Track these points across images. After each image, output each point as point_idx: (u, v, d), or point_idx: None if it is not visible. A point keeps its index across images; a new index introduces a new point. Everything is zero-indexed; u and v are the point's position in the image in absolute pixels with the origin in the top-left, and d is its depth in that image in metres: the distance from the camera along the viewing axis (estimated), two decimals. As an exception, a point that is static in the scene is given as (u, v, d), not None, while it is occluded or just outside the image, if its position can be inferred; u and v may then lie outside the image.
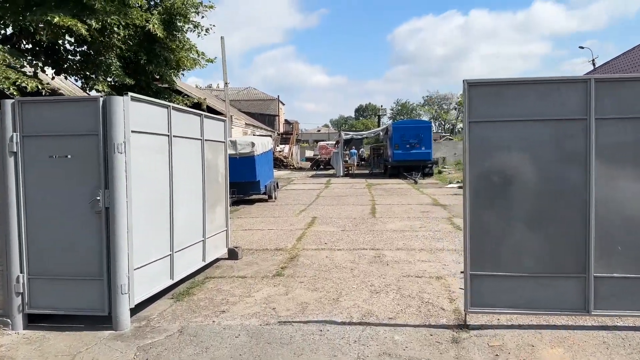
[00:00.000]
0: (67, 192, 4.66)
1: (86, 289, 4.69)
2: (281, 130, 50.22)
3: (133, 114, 4.72)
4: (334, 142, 36.57)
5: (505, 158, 4.38)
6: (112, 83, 9.23)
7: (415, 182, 20.96)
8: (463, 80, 4.41)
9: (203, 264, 6.36)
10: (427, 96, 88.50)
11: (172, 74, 10.87)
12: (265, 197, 14.74)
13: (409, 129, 23.94)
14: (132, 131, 4.71)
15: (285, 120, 57.98)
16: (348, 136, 27.91)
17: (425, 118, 71.82)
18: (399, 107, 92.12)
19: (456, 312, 4.92)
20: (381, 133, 27.62)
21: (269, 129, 42.28)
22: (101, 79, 8.66)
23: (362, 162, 37.95)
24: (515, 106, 4.38)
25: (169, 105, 5.38)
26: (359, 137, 29.84)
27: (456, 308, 5.03)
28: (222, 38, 22.33)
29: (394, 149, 23.89)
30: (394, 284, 5.85)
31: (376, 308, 5.03)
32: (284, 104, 57.36)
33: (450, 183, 20.24)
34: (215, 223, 6.75)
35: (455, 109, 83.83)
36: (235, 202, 13.72)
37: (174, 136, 5.41)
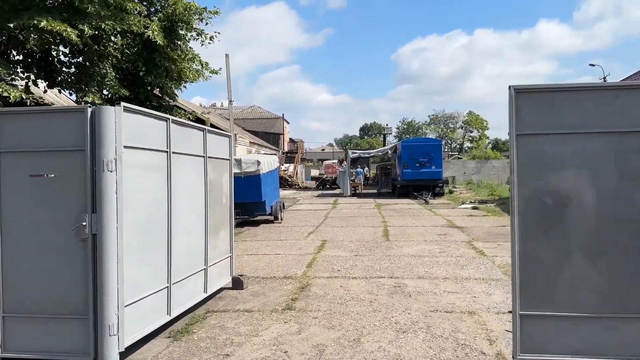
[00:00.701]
0: (49, 217, 4.15)
1: (69, 329, 4.13)
2: (286, 149, 50.22)
3: (126, 127, 4.21)
4: (337, 161, 36.28)
5: (559, 177, 3.79)
6: (107, 95, 8.76)
7: (426, 202, 20.83)
8: (509, 87, 3.85)
9: (204, 295, 5.88)
10: (433, 115, 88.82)
11: (173, 86, 10.42)
12: (271, 218, 14.61)
13: (419, 147, 23.81)
14: (125, 146, 4.20)
15: (290, 139, 58.16)
16: (355, 154, 27.61)
17: (431, 137, 71.83)
18: (405, 126, 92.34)
19: (499, 357, 4.30)
20: (389, 151, 27.36)
21: (273, 147, 42.32)
22: (94, 90, 8.19)
23: (369, 182, 37.57)
24: (570, 116, 3.81)
25: (168, 118, 4.95)
26: (367, 155, 29.47)
27: (499, 352, 4.39)
28: (226, 55, 22.15)
29: (403, 168, 23.79)
30: (421, 320, 5.26)
31: (405, 352, 4.40)
32: (288, 123, 57.44)
33: (463, 203, 20.10)
34: (218, 249, 6.35)
35: (462, 127, 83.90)
36: (239, 224, 13.46)
37: (174, 153, 4.99)
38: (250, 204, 13.11)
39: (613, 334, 3.80)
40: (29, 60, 8.79)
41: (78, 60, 9.09)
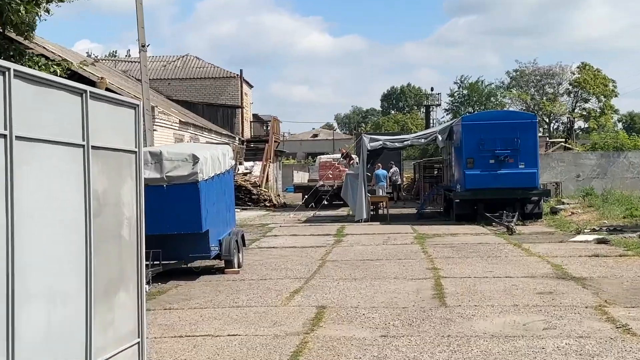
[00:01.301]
0: None
1: None
2: (247, 134, 50.34)
3: None
4: (341, 156, 36.28)
5: None
6: None
7: (510, 232, 20.80)
8: None
9: None
10: (516, 70, 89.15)
11: (25, 10, 9.91)
12: (221, 263, 14.66)
13: (495, 128, 23.79)
14: None
15: (255, 116, 58.37)
16: (376, 143, 27.08)
17: (514, 109, 71.91)
18: (465, 91, 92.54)
19: None
20: (439, 137, 26.75)
21: (224, 132, 42.33)
22: None
23: (403, 195, 37.39)
24: None
25: (8, 68, 4.73)
26: (398, 144, 28.84)
27: None
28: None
29: (465, 167, 23.90)
30: None
31: None
32: (251, 87, 57.81)
33: (578, 233, 20.10)
34: (114, 329, 6.28)
35: (569, 93, 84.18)
36: (158, 276, 13.29)
37: (19, 138, 4.81)
38: (180, 237, 13.14)
39: None
40: None
41: None
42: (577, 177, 33.59)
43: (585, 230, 20.10)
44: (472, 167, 23.51)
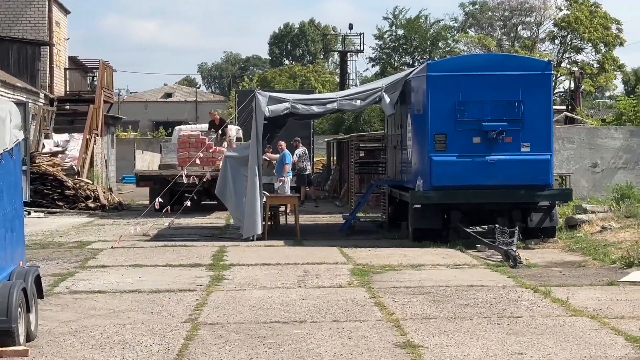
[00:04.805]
0: None
1: None
2: (58, 89, 49.82)
3: None
4: (209, 126, 37.40)
5: None
6: None
7: (514, 262, 19.91)
8: None
9: None
10: (474, 2, 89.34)
11: None
12: None
13: (482, 83, 23.70)
14: None
15: (73, 61, 58.42)
16: (281, 106, 26.13)
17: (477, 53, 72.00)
18: (400, 31, 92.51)
19: None
20: (386, 97, 25.88)
21: (19, 84, 41.66)
22: None
23: (325, 192, 37.21)
24: None
25: None
26: (316, 108, 27.79)
27: None
28: None
29: (431, 150, 23.43)
30: None
31: None
32: (67, 13, 57.71)
33: (629, 266, 19.43)
34: None
35: (554, 38, 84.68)
36: None
37: None
38: None
39: None
40: None
41: None
42: (592, 167, 32.89)
43: (634, 258, 19.20)
44: (443, 149, 22.82)
